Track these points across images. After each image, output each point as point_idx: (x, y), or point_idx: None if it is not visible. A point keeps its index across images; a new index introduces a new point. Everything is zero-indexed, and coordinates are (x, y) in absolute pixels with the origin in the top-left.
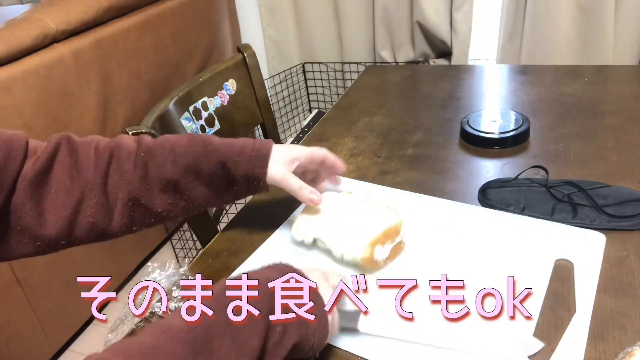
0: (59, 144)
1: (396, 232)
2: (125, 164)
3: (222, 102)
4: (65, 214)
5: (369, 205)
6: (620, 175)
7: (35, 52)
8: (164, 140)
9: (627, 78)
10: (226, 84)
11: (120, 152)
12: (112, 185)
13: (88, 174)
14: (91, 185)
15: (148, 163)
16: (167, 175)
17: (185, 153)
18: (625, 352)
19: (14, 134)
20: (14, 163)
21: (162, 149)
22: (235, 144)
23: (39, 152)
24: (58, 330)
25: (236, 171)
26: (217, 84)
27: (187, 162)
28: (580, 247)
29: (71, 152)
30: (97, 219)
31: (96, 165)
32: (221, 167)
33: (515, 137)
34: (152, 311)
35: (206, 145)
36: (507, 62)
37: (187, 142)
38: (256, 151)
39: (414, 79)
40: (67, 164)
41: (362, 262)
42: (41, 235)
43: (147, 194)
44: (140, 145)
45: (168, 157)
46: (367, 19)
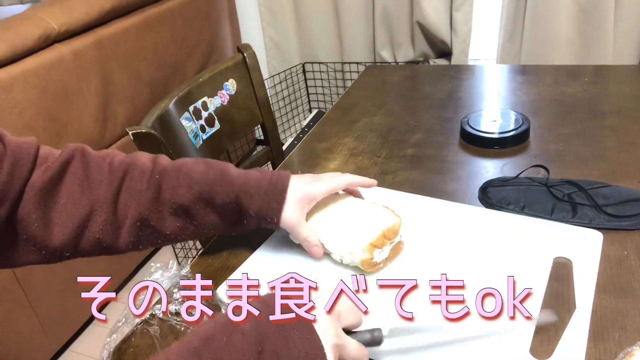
0: (72, 155)
1: (394, 232)
2: (138, 183)
3: (222, 102)
4: (72, 227)
5: (368, 206)
6: (620, 175)
7: (36, 52)
8: (181, 163)
9: (627, 78)
10: (226, 84)
11: (134, 170)
12: (122, 203)
13: (100, 190)
14: (102, 201)
15: (162, 185)
16: (179, 200)
17: (200, 180)
18: (625, 352)
19: (24, 142)
20: (21, 172)
21: (178, 173)
22: (251, 177)
23: (50, 161)
24: (58, 330)
25: (249, 206)
26: (217, 84)
27: (201, 189)
28: (579, 245)
29: (85, 165)
30: (104, 235)
31: (109, 181)
32: (235, 199)
33: (515, 137)
34: (152, 313)
35: (223, 174)
36: (507, 62)
37: (203, 169)
38: (273, 185)
39: (414, 79)
40: (79, 177)
41: (361, 265)
42: (46, 245)
43: (157, 215)
44: (156, 166)
45: (183, 182)
46: (367, 19)
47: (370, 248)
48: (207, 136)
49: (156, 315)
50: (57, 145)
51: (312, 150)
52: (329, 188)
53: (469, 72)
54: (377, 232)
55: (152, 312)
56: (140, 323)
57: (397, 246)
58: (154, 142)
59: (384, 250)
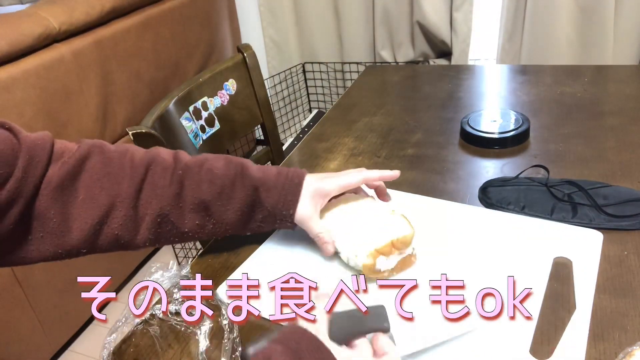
0: (90, 150)
1: (405, 244)
2: (161, 179)
3: (222, 102)
4: (92, 223)
5: (386, 212)
6: (620, 175)
7: (36, 51)
8: (202, 159)
9: (627, 78)
10: (226, 83)
11: (157, 166)
12: (144, 199)
13: (122, 186)
14: (123, 197)
15: (184, 181)
16: (201, 195)
17: (222, 175)
18: (625, 352)
19: (39, 137)
20: (36, 169)
21: (200, 168)
22: (269, 172)
23: (66, 156)
24: (58, 330)
25: (266, 199)
26: (217, 84)
27: (222, 184)
28: (579, 245)
29: (105, 160)
30: (123, 232)
31: (131, 177)
32: (253, 193)
33: (515, 137)
34: (152, 313)
35: (243, 169)
36: (507, 62)
37: (224, 164)
38: (289, 179)
39: (414, 79)
40: (97, 172)
41: (363, 270)
42: (63, 242)
43: (178, 211)
44: (178, 162)
45: (205, 177)
46: (367, 19)
47: (374, 254)
48: (207, 136)
49: (156, 315)
50: None
51: (312, 150)
52: (342, 184)
53: (469, 72)
54: (385, 239)
55: (152, 312)
56: (140, 323)
57: (408, 259)
58: (154, 142)
59: (390, 259)
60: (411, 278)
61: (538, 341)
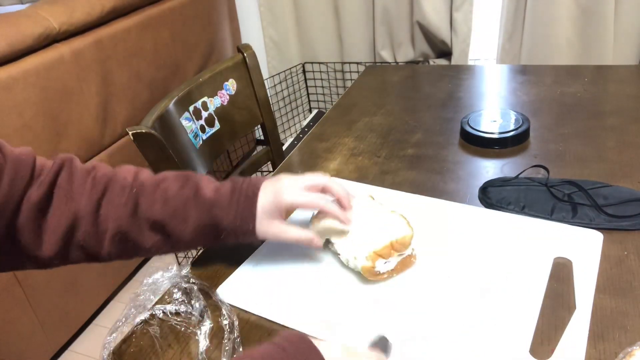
0: (61, 165)
1: (404, 245)
2: (117, 198)
3: (222, 102)
4: (60, 236)
5: (386, 213)
6: (620, 175)
7: (36, 51)
8: (160, 178)
9: (627, 78)
10: (226, 83)
11: (115, 184)
12: (103, 215)
13: (81, 201)
14: (82, 213)
15: (139, 199)
16: (155, 215)
17: (175, 195)
18: (625, 352)
19: (22, 153)
20: (20, 184)
21: (155, 188)
22: (224, 189)
23: (43, 174)
24: (58, 330)
25: (223, 218)
26: (217, 84)
27: (175, 205)
28: (579, 245)
29: (69, 176)
30: (88, 245)
31: (90, 194)
32: (208, 212)
33: (515, 137)
34: (152, 313)
35: (197, 191)
36: (507, 62)
37: (179, 185)
38: (244, 195)
39: (414, 79)
40: (64, 188)
41: (363, 272)
42: (37, 254)
43: (136, 230)
44: (135, 180)
45: (159, 197)
46: (367, 19)
47: (373, 257)
48: (207, 136)
49: (156, 315)
50: (57, 145)
51: (312, 150)
52: (304, 200)
53: (469, 72)
54: (383, 242)
55: (152, 312)
56: (140, 323)
57: (407, 259)
58: (154, 142)
59: (390, 261)
60: (411, 278)
61: (538, 341)
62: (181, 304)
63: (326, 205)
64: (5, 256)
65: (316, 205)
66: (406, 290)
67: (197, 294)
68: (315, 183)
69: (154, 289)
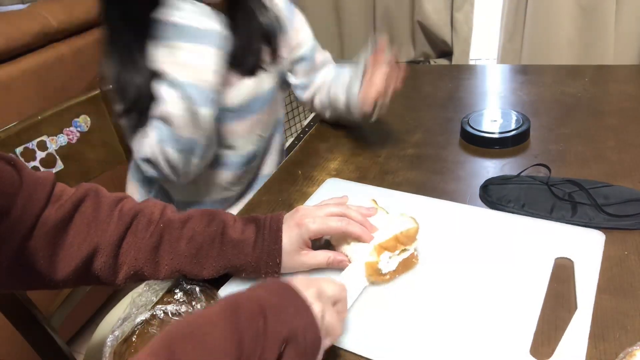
0: (86, 194)
1: (409, 238)
2: (142, 231)
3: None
4: (75, 266)
5: (388, 215)
6: (620, 175)
7: (35, 49)
8: (187, 216)
9: (628, 78)
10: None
11: (142, 218)
12: (124, 247)
13: (106, 232)
14: (105, 243)
15: (164, 234)
16: (178, 251)
17: (201, 232)
18: (625, 352)
19: (41, 177)
20: (34, 208)
21: (182, 225)
22: (247, 232)
23: (63, 199)
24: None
25: (246, 258)
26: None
27: (200, 243)
28: (580, 245)
29: (96, 205)
30: (103, 275)
31: (117, 225)
32: (232, 253)
33: (515, 136)
34: (153, 313)
35: (224, 229)
36: (508, 62)
37: (205, 223)
38: (267, 232)
39: (414, 79)
40: (87, 217)
41: (366, 271)
42: (49, 280)
43: (153, 265)
44: (163, 215)
45: (185, 234)
46: (368, 19)
47: (379, 249)
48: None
49: (157, 316)
50: None
51: (312, 150)
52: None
53: (470, 72)
54: (388, 235)
55: (153, 312)
56: (140, 323)
57: (409, 260)
58: None
59: (392, 259)
60: (410, 278)
61: (538, 341)
62: (182, 304)
63: (349, 228)
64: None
65: (343, 230)
66: (407, 291)
67: (198, 294)
68: (334, 212)
69: (155, 289)
